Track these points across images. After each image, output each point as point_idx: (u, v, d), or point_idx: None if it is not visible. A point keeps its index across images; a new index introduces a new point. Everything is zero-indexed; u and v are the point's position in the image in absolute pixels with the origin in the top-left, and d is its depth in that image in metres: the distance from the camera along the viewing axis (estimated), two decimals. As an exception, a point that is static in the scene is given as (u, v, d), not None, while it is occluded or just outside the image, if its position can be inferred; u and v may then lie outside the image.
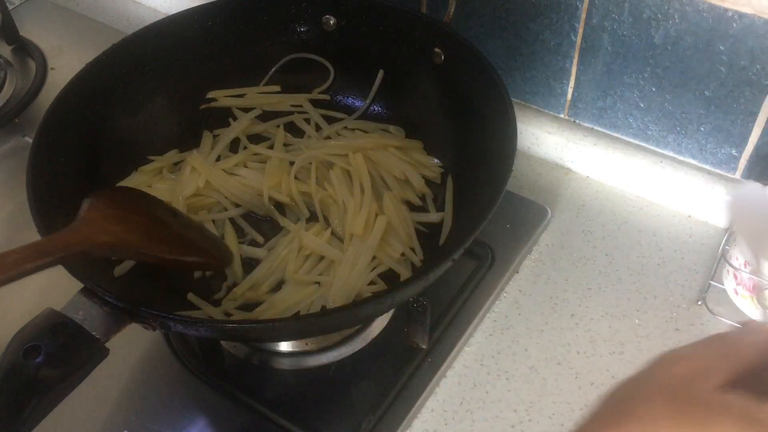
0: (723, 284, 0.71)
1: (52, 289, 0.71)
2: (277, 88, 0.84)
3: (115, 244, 0.55)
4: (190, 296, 0.66)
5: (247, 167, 0.77)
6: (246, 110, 0.82)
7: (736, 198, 0.71)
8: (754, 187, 0.65)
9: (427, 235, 0.72)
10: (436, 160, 0.77)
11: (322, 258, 0.69)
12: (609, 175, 0.82)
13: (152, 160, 0.77)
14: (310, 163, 0.76)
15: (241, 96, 0.83)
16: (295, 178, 0.75)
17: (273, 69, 0.84)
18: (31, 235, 0.58)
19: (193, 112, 0.81)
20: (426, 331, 0.65)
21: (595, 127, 0.82)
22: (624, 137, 0.81)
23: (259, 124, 0.81)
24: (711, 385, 0.35)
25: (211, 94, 0.82)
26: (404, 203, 0.73)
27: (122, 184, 0.74)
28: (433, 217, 0.72)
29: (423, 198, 0.74)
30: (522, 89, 0.84)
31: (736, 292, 0.68)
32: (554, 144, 0.84)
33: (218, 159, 0.78)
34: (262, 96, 0.83)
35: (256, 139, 0.81)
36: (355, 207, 0.71)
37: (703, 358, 0.37)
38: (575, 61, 0.78)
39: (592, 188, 0.83)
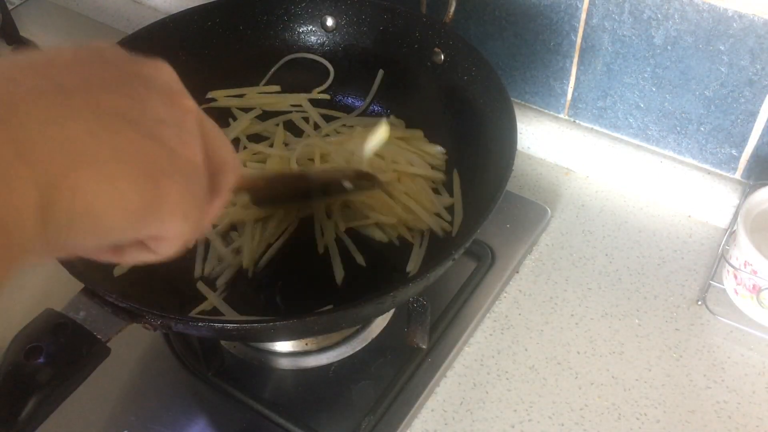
0: (723, 284, 0.71)
1: (52, 290, 0.71)
2: (277, 88, 0.84)
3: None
4: (199, 285, 0.66)
5: (246, 167, 0.77)
6: (246, 110, 0.82)
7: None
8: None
9: (430, 233, 0.72)
10: (439, 148, 0.76)
11: None
12: (609, 175, 0.82)
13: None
14: (311, 159, 0.76)
15: (240, 96, 0.83)
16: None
17: (273, 69, 0.84)
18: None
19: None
20: (426, 331, 0.65)
21: (595, 127, 0.82)
22: (624, 137, 0.81)
23: (258, 124, 0.81)
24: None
25: (210, 94, 0.82)
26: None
27: None
28: (446, 201, 0.72)
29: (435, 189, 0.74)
30: (522, 89, 0.84)
31: (736, 292, 0.68)
32: (554, 144, 0.84)
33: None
34: (261, 96, 0.83)
35: (255, 138, 0.81)
36: None
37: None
38: (575, 61, 0.78)
39: (592, 188, 0.83)
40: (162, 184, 0.29)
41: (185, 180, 0.30)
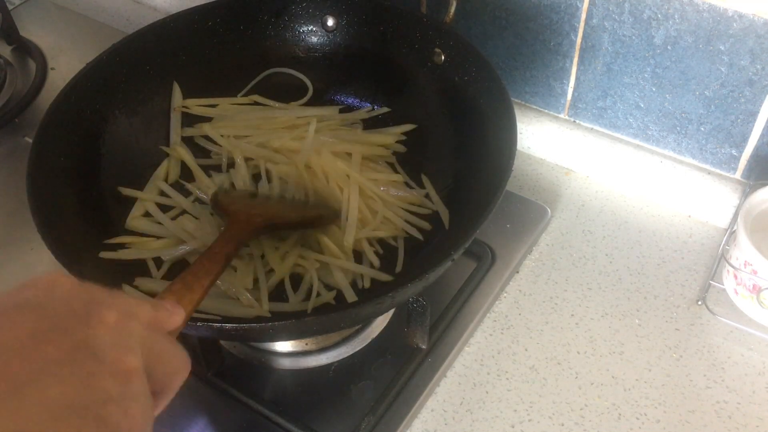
0: (723, 284, 0.71)
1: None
2: (252, 99, 0.83)
3: (265, 222, 0.64)
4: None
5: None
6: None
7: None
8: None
9: (425, 234, 0.72)
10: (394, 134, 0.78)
11: None
12: (609, 175, 0.82)
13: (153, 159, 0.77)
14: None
15: (213, 106, 0.82)
16: None
17: (252, 82, 0.83)
18: (31, 234, 0.58)
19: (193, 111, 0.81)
20: (426, 331, 0.65)
21: (595, 127, 0.82)
22: (624, 137, 0.81)
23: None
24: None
25: (183, 103, 0.80)
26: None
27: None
28: (415, 198, 0.73)
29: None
30: (522, 89, 0.84)
31: (736, 292, 0.68)
32: (554, 144, 0.84)
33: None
34: (235, 107, 0.82)
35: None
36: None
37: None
38: (575, 61, 0.78)
39: (592, 188, 0.83)
40: None
41: None
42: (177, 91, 0.79)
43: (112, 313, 0.33)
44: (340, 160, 0.74)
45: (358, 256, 0.70)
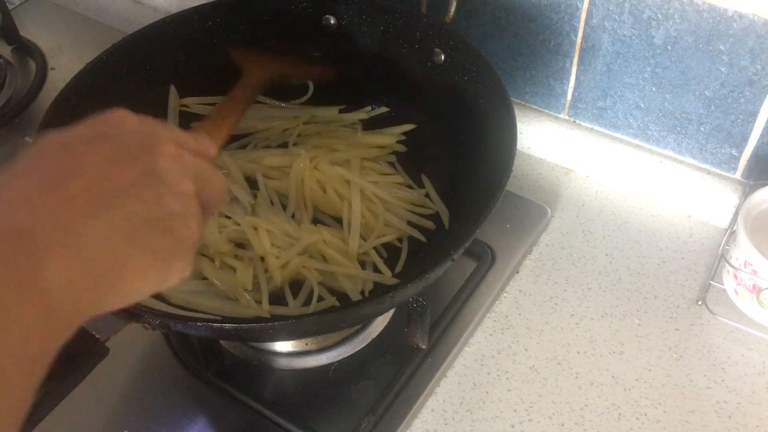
0: (723, 284, 0.71)
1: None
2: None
3: (277, 70, 0.76)
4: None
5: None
6: None
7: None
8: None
9: (425, 236, 0.72)
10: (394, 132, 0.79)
11: None
12: (609, 175, 0.82)
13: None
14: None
15: (213, 104, 0.82)
16: None
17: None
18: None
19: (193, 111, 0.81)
20: (426, 331, 0.65)
21: (595, 127, 0.82)
22: (624, 137, 0.81)
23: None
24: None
25: (183, 101, 0.81)
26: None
27: None
28: (417, 198, 0.74)
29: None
30: (522, 89, 0.84)
31: (736, 292, 0.68)
32: (554, 144, 0.84)
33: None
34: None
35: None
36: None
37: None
38: (575, 61, 0.78)
39: (592, 188, 0.83)
40: (173, 264, 0.38)
41: (188, 253, 0.40)
42: (174, 94, 0.79)
43: (170, 145, 0.40)
44: (338, 166, 0.74)
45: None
